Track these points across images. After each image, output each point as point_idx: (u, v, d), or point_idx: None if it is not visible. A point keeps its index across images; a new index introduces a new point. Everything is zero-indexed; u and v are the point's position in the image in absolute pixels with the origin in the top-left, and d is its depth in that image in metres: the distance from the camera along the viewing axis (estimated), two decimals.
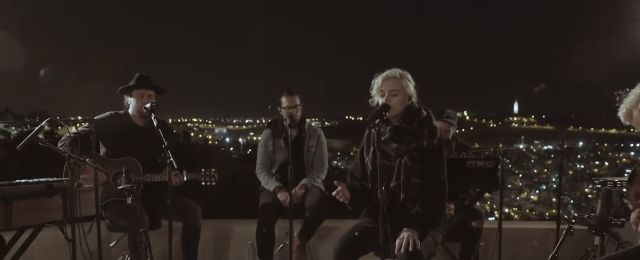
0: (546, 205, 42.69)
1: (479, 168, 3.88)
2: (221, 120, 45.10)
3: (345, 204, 3.09)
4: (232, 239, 5.07)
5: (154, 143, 3.91)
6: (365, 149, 3.21)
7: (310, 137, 4.51)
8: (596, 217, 2.63)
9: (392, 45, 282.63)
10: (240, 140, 42.13)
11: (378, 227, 2.86)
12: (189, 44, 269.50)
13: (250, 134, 45.12)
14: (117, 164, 3.98)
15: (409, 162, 3.01)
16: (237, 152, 37.13)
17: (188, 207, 4.10)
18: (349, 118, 47.27)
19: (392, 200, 3.06)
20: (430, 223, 3.02)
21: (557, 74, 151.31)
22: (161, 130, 3.66)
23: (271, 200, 4.29)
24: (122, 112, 4.21)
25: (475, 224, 4.11)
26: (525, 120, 57.43)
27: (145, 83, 4.12)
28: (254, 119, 46.96)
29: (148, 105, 3.91)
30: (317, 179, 4.43)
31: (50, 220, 3.47)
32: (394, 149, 3.04)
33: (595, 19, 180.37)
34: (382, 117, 2.90)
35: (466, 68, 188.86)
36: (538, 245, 4.91)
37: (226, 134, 43.61)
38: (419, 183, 3.01)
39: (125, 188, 3.40)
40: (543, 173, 46.12)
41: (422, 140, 3.01)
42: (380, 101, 3.06)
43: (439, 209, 3.04)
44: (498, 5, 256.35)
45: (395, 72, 3.08)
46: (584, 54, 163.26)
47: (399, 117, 3.07)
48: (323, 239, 4.86)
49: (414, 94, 3.10)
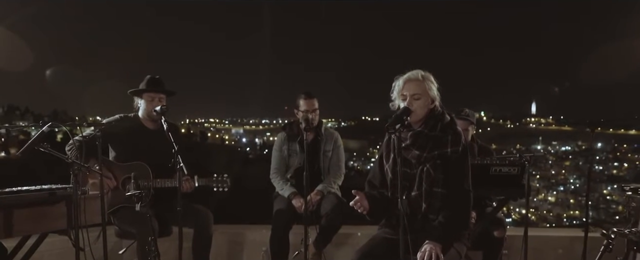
0: (564, 207, 42.18)
1: (503, 174, 3.70)
2: (238, 121, 45.13)
3: (364, 214, 2.90)
4: (245, 245, 4.93)
5: (164, 147, 3.78)
6: (385, 155, 3.02)
7: (326, 141, 4.35)
8: (638, 232, 2.41)
9: (408, 44, 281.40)
10: (256, 141, 42.20)
11: (398, 239, 2.66)
12: (205, 43, 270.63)
13: (267, 134, 45.18)
14: (126, 168, 3.85)
15: (432, 170, 2.83)
16: (254, 152, 37.16)
17: (199, 213, 3.96)
18: (365, 118, 47.10)
19: (414, 210, 2.88)
20: (454, 235, 2.83)
21: (575, 75, 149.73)
22: (171, 134, 3.52)
23: (286, 207, 4.13)
24: (132, 115, 4.09)
25: (497, 234, 3.93)
26: (543, 121, 56.80)
27: (155, 86, 3.99)
28: (270, 119, 47.02)
29: (158, 108, 3.79)
30: (333, 185, 4.27)
31: (53, 230, 3.34)
32: (416, 156, 2.85)
33: (615, 20, 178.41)
34: (403, 122, 2.71)
35: (484, 68, 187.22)
36: (563, 254, 4.71)
37: (243, 134, 43.62)
38: (442, 192, 2.82)
39: (134, 194, 3.28)
40: (561, 174, 45.61)
41: (446, 146, 2.83)
42: (401, 105, 2.87)
43: (463, 220, 2.84)
44: (515, 5, 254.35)
45: (417, 74, 2.89)
46: (603, 55, 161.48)
47: (421, 122, 2.88)
48: (339, 247, 4.70)
49: (438, 96, 2.91)
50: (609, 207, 40.56)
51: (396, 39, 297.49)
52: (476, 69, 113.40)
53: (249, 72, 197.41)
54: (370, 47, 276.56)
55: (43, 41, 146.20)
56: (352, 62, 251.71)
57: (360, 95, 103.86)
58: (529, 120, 56.96)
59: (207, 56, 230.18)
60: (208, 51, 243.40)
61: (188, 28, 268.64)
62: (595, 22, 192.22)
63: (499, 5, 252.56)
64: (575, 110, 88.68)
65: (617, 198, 43.60)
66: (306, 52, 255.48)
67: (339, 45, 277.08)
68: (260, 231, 4.91)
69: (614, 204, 42.01)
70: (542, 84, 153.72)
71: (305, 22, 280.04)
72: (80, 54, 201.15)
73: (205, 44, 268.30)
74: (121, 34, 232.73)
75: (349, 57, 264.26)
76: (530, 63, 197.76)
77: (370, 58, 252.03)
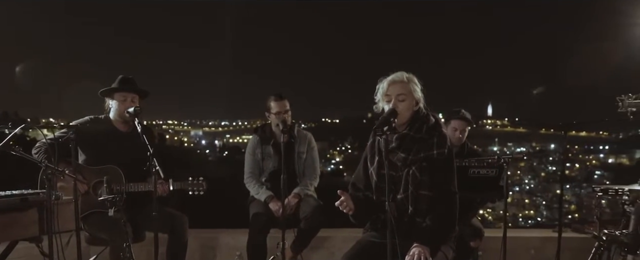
0: (519, 207, 43.16)
1: (481, 176, 3.73)
2: (197, 123, 44.54)
3: (349, 215, 2.87)
4: (218, 249, 4.84)
5: (137, 150, 3.67)
6: (369, 158, 2.99)
7: (300, 143, 4.29)
8: (630, 234, 2.45)
9: (364, 48, 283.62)
10: (216, 143, 41.76)
11: (385, 243, 2.63)
12: (164, 45, 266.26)
13: (227, 136, 44.76)
14: (98, 172, 3.72)
15: (418, 172, 2.81)
16: (214, 154, 36.79)
17: (174, 218, 3.85)
18: (325, 120, 47.26)
19: (400, 213, 2.85)
20: (441, 238, 2.82)
21: (532, 78, 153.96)
22: (145, 137, 3.42)
23: (263, 210, 4.06)
24: (102, 117, 3.94)
25: (473, 244, 3.96)
26: (499, 123, 58.16)
27: (128, 86, 3.87)
28: (230, 121, 46.64)
29: (131, 110, 3.68)
30: (310, 187, 4.22)
31: (25, 237, 3.18)
32: (402, 158, 2.83)
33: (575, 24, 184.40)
34: (390, 124, 2.68)
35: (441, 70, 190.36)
36: (535, 254, 4.79)
37: (202, 137, 43.08)
38: (428, 195, 2.80)
39: (107, 199, 3.16)
40: (516, 175, 46.71)
41: (432, 149, 2.81)
42: (385, 107, 2.85)
43: (450, 222, 2.83)
44: (473, 8, 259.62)
45: (402, 76, 2.87)
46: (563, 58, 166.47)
47: (406, 124, 2.86)
48: (315, 250, 4.67)
49: (422, 98, 2.90)
50: (562, 206, 41.65)
51: (350, 43, 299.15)
52: (433, 71, 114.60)
53: (207, 74, 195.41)
54: (327, 51, 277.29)
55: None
56: (311, 65, 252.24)
57: (319, 98, 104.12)
58: (485, 122, 58.21)
59: (165, 58, 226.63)
60: (167, 53, 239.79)
61: (146, 30, 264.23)
62: (556, 25, 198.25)
63: (457, 9, 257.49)
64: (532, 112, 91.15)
65: (570, 198, 44.98)
66: (264, 55, 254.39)
67: (297, 49, 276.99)
68: (234, 235, 4.83)
69: (567, 204, 43.30)
70: (498, 86, 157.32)
71: (263, 27, 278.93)
72: (30, 54, 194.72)
73: (164, 45, 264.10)
74: (77, 33, 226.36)
75: (308, 60, 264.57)
76: (486, 65, 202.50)
77: (328, 61, 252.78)
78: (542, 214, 40.39)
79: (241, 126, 48.69)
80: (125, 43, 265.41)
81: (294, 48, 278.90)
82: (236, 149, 39.48)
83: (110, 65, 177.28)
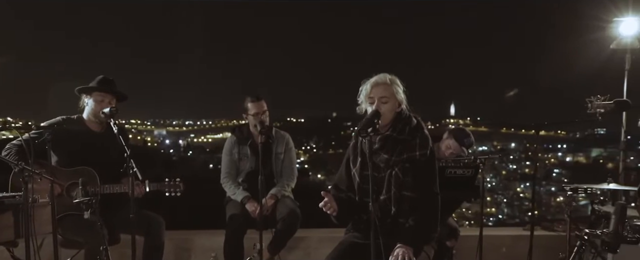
0: (479, 205, 44.00)
1: (458, 176, 3.79)
2: (160, 122, 43.87)
3: (332, 216, 2.88)
4: (193, 251, 4.79)
5: (112, 151, 3.64)
6: (352, 159, 3.01)
7: (278, 144, 4.29)
8: (611, 233, 2.53)
9: (327, 49, 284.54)
10: (180, 142, 41.21)
11: (368, 243, 2.65)
12: (126, 43, 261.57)
13: (191, 135, 44.23)
14: (72, 174, 3.63)
15: (401, 173, 2.84)
16: (178, 154, 36.32)
17: (151, 220, 3.80)
18: (290, 120, 47.16)
19: (383, 214, 2.88)
20: (425, 238, 2.86)
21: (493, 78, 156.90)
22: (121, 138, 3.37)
23: (239, 211, 4.03)
24: (75, 117, 3.85)
25: (449, 244, 4.02)
26: (461, 122, 59.05)
27: (108, 87, 3.79)
28: (194, 121, 46.10)
29: (107, 110, 3.60)
30: (287, 188, 4.21)
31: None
32: (385, 160, 2.86)
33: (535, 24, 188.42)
34: (374, 125, 2.71)
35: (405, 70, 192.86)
36: (507, 252, 4.89)
37: (166, 136, 42.47)
38: (411, 196, 2.84)
39: (83, 201, 3.09)
40: (478, 174, 47.41)
41: (414, 150, 2.85)
42: (368, 109, 2.87)
43: (433, 223, 2.88)
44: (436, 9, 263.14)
45: (385, 78, 2.90)
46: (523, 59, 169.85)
47: (388, 125, 2.89)
48: (291, 250, 4.66)
49: (404, 100, 2.93)
50: (523, 204, 42.72)
51: (315, 44, 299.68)
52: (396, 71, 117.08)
53: (171, 72, 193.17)
54: (292, 51, 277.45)
55: None
56: (276, 65, 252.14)
57: (284, 97, 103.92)
58: (448, 121, 59.02)
59: (127, 56, 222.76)
60: (129, 51, 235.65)
61: (108, 26, 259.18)
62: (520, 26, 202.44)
63: (421, 10, 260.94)
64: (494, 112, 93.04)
65: (530, 196, 45.85)
66: (228, 54, 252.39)
67: (262, 48, 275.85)
68: (209, 237, 4.79)
69: (527, 201, 44.30)
70: (460, 87, 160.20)
71: (227, 26, 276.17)
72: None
73: (126, 44, 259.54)
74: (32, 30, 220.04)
75: (273, 60, 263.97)
76: (450, 65, 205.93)
77: (293, 61, 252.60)
78: (503, 212, 41.27)
79: (205, 126, 48.23)
80: (85, 41, 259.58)
81: (258, 47, 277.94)
82: (201, 148, 39.08)
83: (69, 62, 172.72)
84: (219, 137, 48.91)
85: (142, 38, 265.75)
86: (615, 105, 4.01)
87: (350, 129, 70.20)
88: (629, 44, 5.52)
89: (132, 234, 3.42)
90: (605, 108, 3.97)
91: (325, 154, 42.08)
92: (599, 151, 55.92)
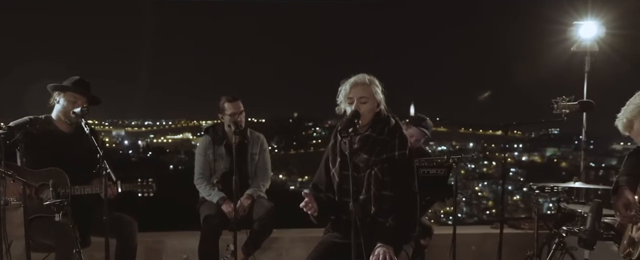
0: (440, 204, 44.67)
1: (431, 176, 3.85)
2: (118, 122, 42.97)
3: (312, 217, 2.89)
4: (164, 252, 4.71)
5: (81, 152, 3.57)
6: (331, 159, 3.02)
7: (253, 144, 4.27)
8: (588, 230, 2.61)
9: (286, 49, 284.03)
10: (139, 143, 40.47)
11: (349, 243, 2.68)
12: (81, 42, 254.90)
13: (151, 136, 43.52)
14: (41, 175, 3.53)
15: (380, 173, 2.87)
16: (137, 154, 35.69)
17: (123, 222, 3.72)
18: (251, 120, 46.95)
19: (363, 213, 2.89)
20: (404, 237, 2.91)
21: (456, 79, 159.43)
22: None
23: (215, 212, 4.00)
24: (43, 117, 3.75)
25: (423, 242, 4.08)
26: None
27: (83, 89, 3.70)
28: (154, 121, 45.39)
29: (78, 110, 3.51)
30: (262, 189, 4.21)
31: None
32: (364, 160, 2.88)
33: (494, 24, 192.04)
34: (355, 125, 2.73)
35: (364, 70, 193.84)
36: (476, 250, 4.98)
37: (124, 137, 41.65)
38: (390, 195, 2.87)
39: (54, 203, 3.02)
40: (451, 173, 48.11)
41: (394, 150, 2.88)
42: (348, 109, 2.89)
43: (412, 222, 2.91)
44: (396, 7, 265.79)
45: (364, 78, 2.93)
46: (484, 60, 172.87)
47: (368, 125, 2.91)
48: (264, 251, 4.63)
49: (383, 100, 2.96)
50: (481, 203, 43.62)
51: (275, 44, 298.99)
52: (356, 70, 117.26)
53: (128, 72, 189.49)
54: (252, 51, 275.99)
55: None
56: (236, 64, 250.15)
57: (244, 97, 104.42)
58: (407, 121, 59.65)
59: (83, 56, 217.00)
60: (84, 51, 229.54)
61: (63, 25, 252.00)
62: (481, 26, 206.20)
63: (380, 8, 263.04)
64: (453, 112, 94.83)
65: (487, 194, 47.02)
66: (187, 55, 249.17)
67: (221, 48, 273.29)
68: (180, 238, 4.73)
69: (485, 200, 45.32)
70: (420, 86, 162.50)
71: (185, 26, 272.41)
72: None
73: (81, 43, 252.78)
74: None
75: (233, 60, 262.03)
76: (409, 65, 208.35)
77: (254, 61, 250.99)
78: (463, 211, 42.14)
79: (165, 126, 47.57)
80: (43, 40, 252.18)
81: (218, 47, 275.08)
82: (160, 149, 38.51)
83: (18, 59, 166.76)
84: (179, 137, 48.33)
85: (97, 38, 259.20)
86: (580, 105, 4.15)
87: (311, 129, 70.35)
88: (589, 47, 5.72)
89: (106, 236, 3.34)
90: (570, 109, 4.11)
91: (286, 155, 42.08)
92: (553, 151, 57.69)
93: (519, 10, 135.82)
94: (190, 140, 51.52)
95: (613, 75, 8.71)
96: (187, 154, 39.86)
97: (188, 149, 44.30)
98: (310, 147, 63.22)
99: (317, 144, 64.47)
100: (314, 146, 63.85)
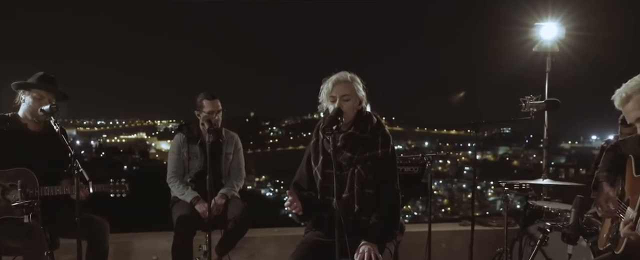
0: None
1: (405, 174, 3.89)
2: (70, 122, 41.83)
3: (296, 216, 2.86)
4: (132, 254, 4.61)
5: (50, 151, 3.46)
6: (313, 158, 3.00)
7: (228, 144, 4.22)
8: (571, 226, 2.68)
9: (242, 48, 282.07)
10: (92, 143, 39.48)
11: (332, 241, 2.67)
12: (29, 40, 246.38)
13: (103, 136, 42.55)
14: (9, 176, 3.40)
15: (363, 171, 2.87)
16: (90, 154, 34.86)
17: (94, 223, 3.62)
18: None
19: (346, 212, 2.88)
20: (388, 235, 2.91)
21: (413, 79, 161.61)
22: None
23: (189, 212, 3.92)
24: (9, 115, 3.61)
25: (397, 239, 4.11)
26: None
27: (48, 85, 3.57)
28: (107, 120, 44.43)
29: (46, 108, 3.39)
30: (236, 188, 4.16)
31: None
32: (348, 158, 2.88)
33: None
34: (338, 123, 2.72)
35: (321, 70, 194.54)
36: (446, 247, 5.06)
37: (76, 137, 40.58)
38: (373, 194, 2.87)
39: (23, 204, 2.91)
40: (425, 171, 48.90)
41: (377, 148, 2.89)
42: (330, 107, 2.88)
43: (395, 220, 2.93)
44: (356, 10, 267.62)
45: (346, 76, 2.92)
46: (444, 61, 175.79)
47: (350, 123, 2.91)
48: (237, 250, 4.58)
49: (365, 98, 2.97)
50: (436, 200, 44.41)
51: (230, 42, 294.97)
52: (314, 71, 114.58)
53: (80, 70, 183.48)
54: (208, 49, 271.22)
55: None
56: (192, 63, 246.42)
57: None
58: None
59: (31, 54, 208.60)
60: (38, 47, 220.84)
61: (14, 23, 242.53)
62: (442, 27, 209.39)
63: (341, 10, 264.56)
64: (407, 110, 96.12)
65: (442, 192, 47.94)
66: (144, 56, 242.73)
67: (177, 46, 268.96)
68: (149, 239, 4.65)
69: (440, 198, 46.18)
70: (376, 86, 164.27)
71: (139, 24, 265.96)
72: None
73: (29, 41, 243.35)
74: None
75: (188, 58, 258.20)
76: (367, 65, 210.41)
77: (210, 60, 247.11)
78: (418, 208, 42.78)
79: (118, 126, 46.57)
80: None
81: (173, 45, 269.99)
82: (114, 149, 37.71)
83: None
84: (133, 137, 47.35)
85: (46, 36, 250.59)
86: (547, 104, 4.28)
87: (268, 128, 69.85)
88: (549, 48, 5.88)
89: (78, 238, 3.26)
90: (537, 107, 4.23)
91: (244, 154, 41.84)
92: (505, 149, 59.33)
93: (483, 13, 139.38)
94: (144, 140, 50.54)
95: (573, 76, 9.02)
96: (141, 154, 39.11)
97: (143, 149, 43.46)
98: (267, 146, 62.98)
99: (274, 144, 64.27)
100: (270, 146, 63.62)
